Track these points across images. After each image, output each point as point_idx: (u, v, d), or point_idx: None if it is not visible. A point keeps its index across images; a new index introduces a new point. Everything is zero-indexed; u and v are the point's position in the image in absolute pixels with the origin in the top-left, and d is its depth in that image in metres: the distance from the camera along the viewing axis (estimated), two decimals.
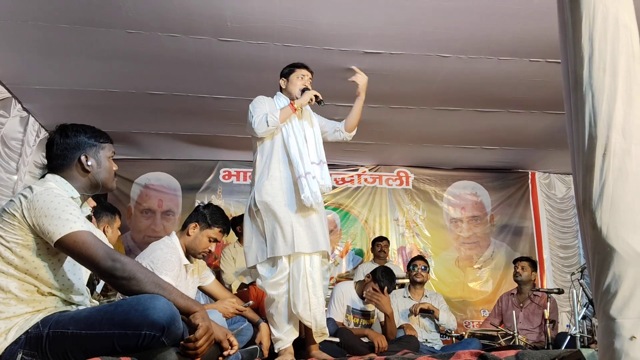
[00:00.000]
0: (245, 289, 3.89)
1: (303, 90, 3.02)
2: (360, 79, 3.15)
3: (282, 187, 2.85)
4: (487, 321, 4.79)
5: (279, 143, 2.93)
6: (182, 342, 1.62)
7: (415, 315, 4.26)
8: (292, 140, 2.91)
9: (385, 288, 3.71)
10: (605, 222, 1.00)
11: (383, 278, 3.74)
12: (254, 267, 2.89)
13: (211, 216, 2.94)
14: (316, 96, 2.97)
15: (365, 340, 3.72)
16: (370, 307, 3.94)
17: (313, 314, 2.75)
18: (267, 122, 2.82)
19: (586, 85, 1.08)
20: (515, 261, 4.81)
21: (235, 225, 4.95)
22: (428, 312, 4.27)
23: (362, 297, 3.89)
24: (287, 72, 3.09)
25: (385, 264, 5.54)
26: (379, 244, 5.65)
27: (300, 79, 3.04)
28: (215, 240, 2.96)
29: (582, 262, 6.07)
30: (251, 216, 2.92)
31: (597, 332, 1.01)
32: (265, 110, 2.90)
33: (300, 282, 2.75)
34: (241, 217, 4.86)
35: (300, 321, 2.85)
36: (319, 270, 2.83)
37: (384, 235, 6.10)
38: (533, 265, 4.73)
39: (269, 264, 2.84)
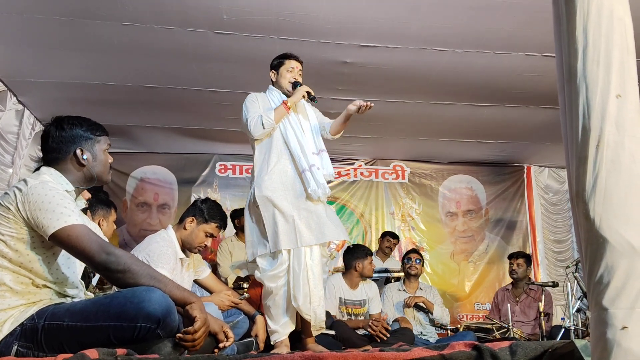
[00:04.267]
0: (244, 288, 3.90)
1: (294, 85, 2.98)
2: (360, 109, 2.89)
3: (282, 181, 2.83)
4: (487, 318, 4.82)
5: (278, 137, 2.92)
6: (179, 334, 1.62)
7: (409, 308, 4.29)
8: (291, 133, 2.90)
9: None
10: (598, 213, 1.01)
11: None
12: (254, 260, 2.89)
13: (208, 211, 2.95)
14: (308, 92, 2.93)
15: (361, 332, 3.73)
16: (361, 297, 4.00)
17: (313, 308, 2.75)
18: (262, 124, 2.81)
19: (580, 77, 1.09)
20: (510, 257, 4.83)
21: (233, 218, 4.97)
22: (423, 309, 4.30)
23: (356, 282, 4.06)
24: (276, 65, 3.06)
25: (387, 259, 5.52)
26: (390, 240, 5.54)
27: (290, 72, 3.01)
28: (212, 235, 2.97)
29: (575, 256, 6.09)
30: (251, 212, 2.92)
31: (590, 323, 1.02)
32: (259, 110, 2.87)
33: (301, 275, 2.74)
34: (239, 210, 4.88)
35: (296, 314, 2.86)
36: (320, 264, 2.83)
37: (380, 229, 6.11)
38: (528, 260, 4.76)
39: (270, 256, 2.84)
